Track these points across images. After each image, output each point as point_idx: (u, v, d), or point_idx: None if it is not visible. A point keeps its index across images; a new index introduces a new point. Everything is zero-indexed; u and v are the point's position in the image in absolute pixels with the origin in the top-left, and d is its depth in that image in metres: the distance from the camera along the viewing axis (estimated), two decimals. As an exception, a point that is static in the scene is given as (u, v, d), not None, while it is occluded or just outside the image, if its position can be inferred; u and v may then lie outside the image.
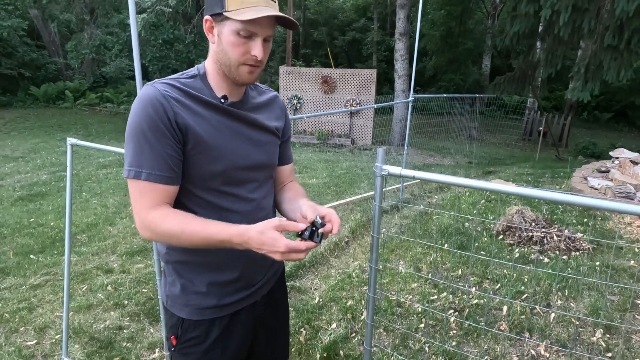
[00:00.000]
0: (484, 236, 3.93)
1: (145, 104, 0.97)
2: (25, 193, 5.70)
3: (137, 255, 3.66)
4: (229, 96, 1.09)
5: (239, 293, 1.16)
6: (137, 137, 0.97)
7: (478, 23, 20.45)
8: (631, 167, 5.41)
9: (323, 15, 22.13)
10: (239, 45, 0.99)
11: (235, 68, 1.02)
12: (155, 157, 0.97)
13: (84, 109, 15.59)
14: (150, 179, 0.98)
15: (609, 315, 2.69)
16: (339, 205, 4.98)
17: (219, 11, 0.98)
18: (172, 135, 0.98)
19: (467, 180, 1.35)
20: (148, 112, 0.97)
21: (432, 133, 9.25)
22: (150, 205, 0.99)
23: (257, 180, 1.15)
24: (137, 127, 0.97)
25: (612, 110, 16.89)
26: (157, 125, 0.96)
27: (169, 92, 1.00)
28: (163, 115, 0.97)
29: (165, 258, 1.15)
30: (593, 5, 6.73)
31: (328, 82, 10.71)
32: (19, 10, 15.89)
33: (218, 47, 1.02)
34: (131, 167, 0.98)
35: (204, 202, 1.07)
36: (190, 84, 1.05)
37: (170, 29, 12.35)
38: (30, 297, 3.00)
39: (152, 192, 0.99)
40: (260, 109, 1.18)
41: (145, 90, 1.00)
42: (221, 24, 0.99)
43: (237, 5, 0.96)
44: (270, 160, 1.19)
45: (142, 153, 0.97)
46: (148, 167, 0.97)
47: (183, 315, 1.13)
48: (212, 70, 1.08)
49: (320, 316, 2.75)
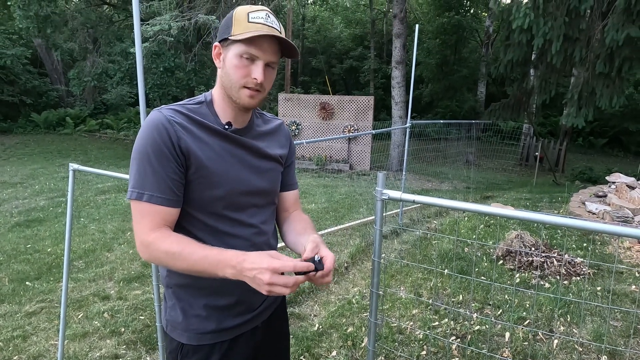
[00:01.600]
0: (484, 261, 3.91)
1: (151, 128, 1.01)
2: (23, 219, 5.67)
3: (134, 282, 3.62)
4: (234, 122, 1.11)
5: (239, 317, 1.15)
6: (142, 160, 1.01)
7: (472, 51, 20.96)
8: (628, 192, 5.45)
9: (321, 44, 22.65)
10: (241, 67, 1.03)
11: (236, 91, 1.05)
12: (157, 180, 1.00)
13: (83, 136, 15.70)
14: (152, 201, 1.00)
15: (613, 340, 2.66)
16: (338, 231, 4.96)
17: (226, 36, 1.04)
18: (174, 159, 1.01)
19: (467, 204, 1.36)
20: (153, 136, 1.00)
21: (429, 158, 9.32)
22: (150, 227, 1.01)
23: (258, 205, 1.16)
24: (142, 151, 1.01)
25: (606, 136, 17.11)
26: (161, 149, 1.00)
27: (174, 117, 1.03)
28: (167, 139, 1.00)
29: (166, 281, 1.16)
30: (583, 35, 6.93)
31: (326, 108, 10.86)
32: (23, 39, 16.22)
33: (222, 70, 1.07)
34: (134, 189, 1.01)
35: (204, 225, 1.08)
36: (196, 110, 1.09)
37: (171, 57, 12.59)
38: (25, 324, 2.95)
39: (153, 213, 1.01)
40: (265, 137, 1.20)
41: (151, 116, 1.04)
42: (227, 48, 1.05)
43: (242, 30, 1.01)
44: (272, 187, 1.20)
45: (145, 176, 1.00)
46: (150, 189, 1.00)
47: (183, 340, 1.12)
48: (218, 97, 1.11)
49: (320, 343, 2.70)
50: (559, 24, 6.68)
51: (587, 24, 7.00)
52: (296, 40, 22.15)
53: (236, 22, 1.03)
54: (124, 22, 15.24)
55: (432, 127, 10.84)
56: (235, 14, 1.04)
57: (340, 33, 24.32)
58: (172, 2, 10.81)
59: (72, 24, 13.29)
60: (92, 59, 13.57)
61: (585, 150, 16.75)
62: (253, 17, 1.02)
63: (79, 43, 13.74)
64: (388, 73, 15.72)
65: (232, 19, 1.04)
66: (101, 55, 13.89)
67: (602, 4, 6.95)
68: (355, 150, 10.93)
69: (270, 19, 1.04)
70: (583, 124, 7.22)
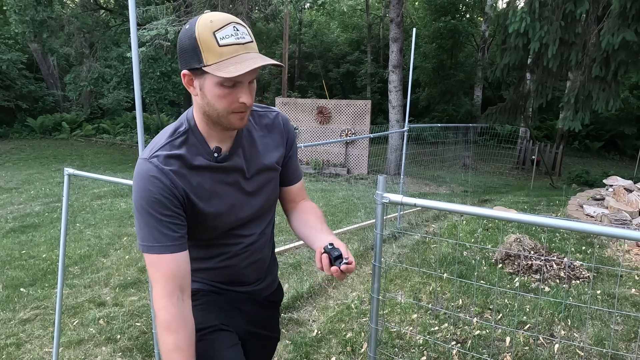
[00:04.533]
0: (483, 265, 3.90)
1: (145, 182, 1.00)
2: (18, 224, 5.62)
3: (130, 288, 3.57)
4: (221, 144, 1.07)
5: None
6: (142, 213, 1.01)
7: (469, 56, 21.08)
8: (625, 195, 5.45)
9: (318, 49, 22.71)
10: (225, 96, 0.96)
11: (225, 118, 1.00)
12: (160, 230, 1.01)
13: (80, 140, 15.64)
14: (159, 252, 1.01)
15: (615, 345, 2.64)
16: (336, 235, 4.94)
17: (197, 66, 0.93)
18: (173, 206, 1.02)
19: (468, 207, 1.35)
20: (148, 189, 1.00)
21: (426, 162, 9.33)
22: (163, 285, 1.01)
23: (255, 219, 1.19)
24: (140, 205, 1.01)
25: (602, 140, 17.20)
26: (158, 200, 1.00)
27: (164, 167, 1.01)
28: (162, 190, 1.00)
29: None
30: (579, 39, 6.97)
31: (323, 112, 10.86)
32: (19, 44, 16.18)
33: (203, 100, 0.99)
34: (142, 242, 1.03)
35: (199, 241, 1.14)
36: (185, 144, 1.04)
37: (168, 61, 12.60)
38: (19, 332, 2.90)
39: (162, 263, 1.02)
40: (257, 141, 1.15)
41: (142, 168, 1.01)
42: (202, 77, 0.95)
43: (216, 59, 0.91)
44: (269, 201, 1.20)
45: (149, 228, 1.01)
46: (155, 240, 1.01)
47: None
48: (200, 122, 1.05)
49: (319, 349, 2.67)
50: (555, 28, 6.72)
51: (582, 28, 7.05)
52: (293, 45, 22.20)
53: (205, 48, 0.91)
54: (120, 27, 15.24)
55: (429, 131, 10.88)
56: (199, 37, 0.91)
57: (337, 37, 24.40)
58: (169, 6, 10.82)
59: (68, 28, 13.28)
60: (88, 64, 13.55)
61: (581, 153, 16.82)
62: (221, 37, 0.91)
63: (75, 48, 13.73)
64: (385, 77, 15.78)
65: (198, 45, 0.91)
66: (98, 60, 13.89)
67: (597, 8, 7.00)
68: (352, 154, 10.93)
69: (240, 32, 0.93)
70: (580, 127, 7.25)
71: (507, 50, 7.83)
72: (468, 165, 11.11)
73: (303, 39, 23.50)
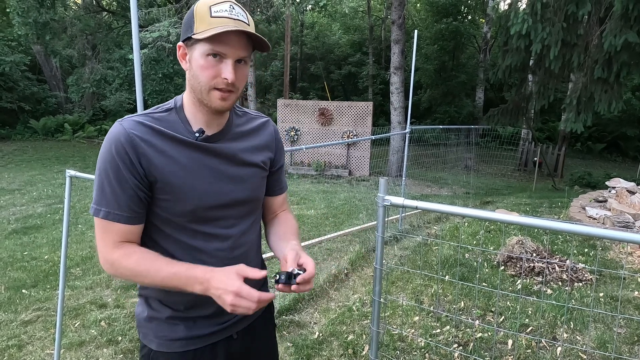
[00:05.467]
0: (485, 267, 3.88)
1: (110, 144, 0.97)
2: (20, 226, 5.63)
3: (132, 289, 3.57)
4: (207, 128, 1.04)
5: (210, 327, 1.12)
6: (101, 176, 0.98)
7: (470, 57, 21.05)
8: (628, 197, 5.43)
9: (320, 50, 22.72)
10: (208, 67, 0.96)
11: (206, 93, 0.98)
12: (115, 197, 0.98)
13: (82, 142, 15.67)
14: (109, 218, 0.98)
15: (618, 348, 2.62)
16: (338, 237, 4.93)
17: (188, 35, 0.97)
18: (134, 176, 0.97)
19: (470, 210, 1.34)
20: (111, 152, 0.97)
21: (428, 164, 9.30)
22: (112, 244, 0.99)
23: (234, 216, 1.10)
24: (101, 166, 0.98)
25: (604, 141, 17.13)
26: (118, 166, 0.96)
27: (134, 131, 0.97)
28: (125, 156, 0.96)
29: (140, 291, 1.15)
30: (581, 40, 6.95)
31: (325, 114, 10.86)
32: (22, 46, 16.25)
33: (189, 72, 1.00)
34: (93, 204, 1.00)
35: (174, 240, 1.05)
36: (164, 118, 1.03)
37: (170, 63, 12.63)
38: (21, 333, 2.90)
39: (112, 231, 0.99)
40: (245, 138, 1.12)
41: (113, 129, 0.99)
42: (192, 48, 0.98)
43: (204, 27, 0.94)
44: (252, 195, 1.13)
45: (103, 193, 0.98)
46: (107, 206, 0.98)
47: (153, 347, 1.10)
48: (188, 101, 1.05)
49: (321, 352, 2.67)
50: (557, 30, 6.70)
51: (585, 29, 7.03)
52: (295, 47, 22.23)
53: (198, 18, 0.95)
54: (122, 29, 15.29)
55: (431, 133, 10.85)
56: (196, 10, 0.96)
57: (338, 39, 24.41)
58: (171, 9, 10.85)
59: (71, 30, 13.33)
60: (90, 66, 13.60)
61: (583, 155, 16.77)
62: (215, 10, 0.95)
63: (77, 50, 13.78)
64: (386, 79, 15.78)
65: (194, 15, 0.96)
66: (100, 62, 13.94)
67: (599, 10, 6.98)
68: (354, 155, 10.92)
69: (235, 11, 0.97)
70: (582, 129, 7.23)
71: (509, 52, 7.81)
72: (470, 167, 11.08)
73: (305, 41, 23.52)
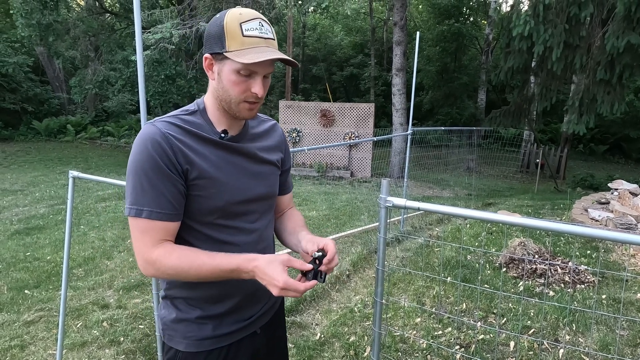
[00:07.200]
0: (487, 269, 3.88)
1: (146, 143, 0.98)
2: (23, 226, 5.65)
3: (134, 290, 3.58)
4: (229, 130, 1.10)
5: (236, 324, 1.15)
6: (138, 175, 0.98)
7: (472, 59, 21.04)
8: (631, 199, 5.42)
9: (321, 52, 22.76)
10: (239, 83, 1.00)
11: (235, 105, 1.03)
12: (156, 195, 0.98)
13: (84, 143, 15.72)
14: (152, 217, 0.99)
15: (620, 350, 2.61)
16: (340, 238, 4.93)
17: (219, 51, 0.99)
18: (172, 173, 0.99)
19: (472, 211, 1.34)
20: (148, 151, 0.98)
21: (430, 165, 9.30)
22: (152, 244, 1.00)
23: (258, 211, 1.16)
24: (138, 166, 0.98)
25: (607, 143, 17.09)
26: (158, 163, 0.97)
27: (169, 131, 1.01)
28: (162, 154, 0.98)
29: (164, 293, 1.15)
30: (584, 42, 6.95)
31: (327, 115, 10.87)
32: (26, 47, 16.31)
33: (218, 84, 1.03)
34: (132, 206, 0.99)
35: (203, 235, 1.08)
36: (190, 121, 1.06)
37: (172, 65, 12.66)
38: (23, 334, 2.91)
39: (154, 229, 1.00)
40: (260, 139, 1.19)
41: (145, 129, 1.01)
42: (221, 62, 1.01)
43: (237, 46, 0.97)
44: (271, 192, 1.20)
45: (143, 191, 0.98)
46: (149, 205, 0.98)
47: (180, 348, 1.11)
48: (211, 106, 1.09)
49: (322, 353, 2.66)
50: (559, 31, 6.70)
51: (587, 31, 7.03)
52: (297, 48, 22.26)
53: (229, 35, 0.97)
54: (125, 30, 15.35)
55: (433, 134, 10.85)
56: (226, 25, 0.98)
57: (340, 41, 24.44)
58: (174, 10, 10.88)
59: (74, 32, 13.37)
60: (93, 67, 13.64)
61: (585, 157, 16.73)
62: (247, 28, 0.97)
63: (80, 51, 13.83)
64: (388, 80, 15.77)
65: (224, 31, 0.98)
66: (103, 63, 13.98)
67: (602, 11, 6.97)
68: (356, 157, 10.92)
69: (265, 28, 1.00)
70: (584, 131, 7.22)
71: (511, 54, 7.81)
72: (472, 169, 11.07)
73: (307, 43, 23.55)
